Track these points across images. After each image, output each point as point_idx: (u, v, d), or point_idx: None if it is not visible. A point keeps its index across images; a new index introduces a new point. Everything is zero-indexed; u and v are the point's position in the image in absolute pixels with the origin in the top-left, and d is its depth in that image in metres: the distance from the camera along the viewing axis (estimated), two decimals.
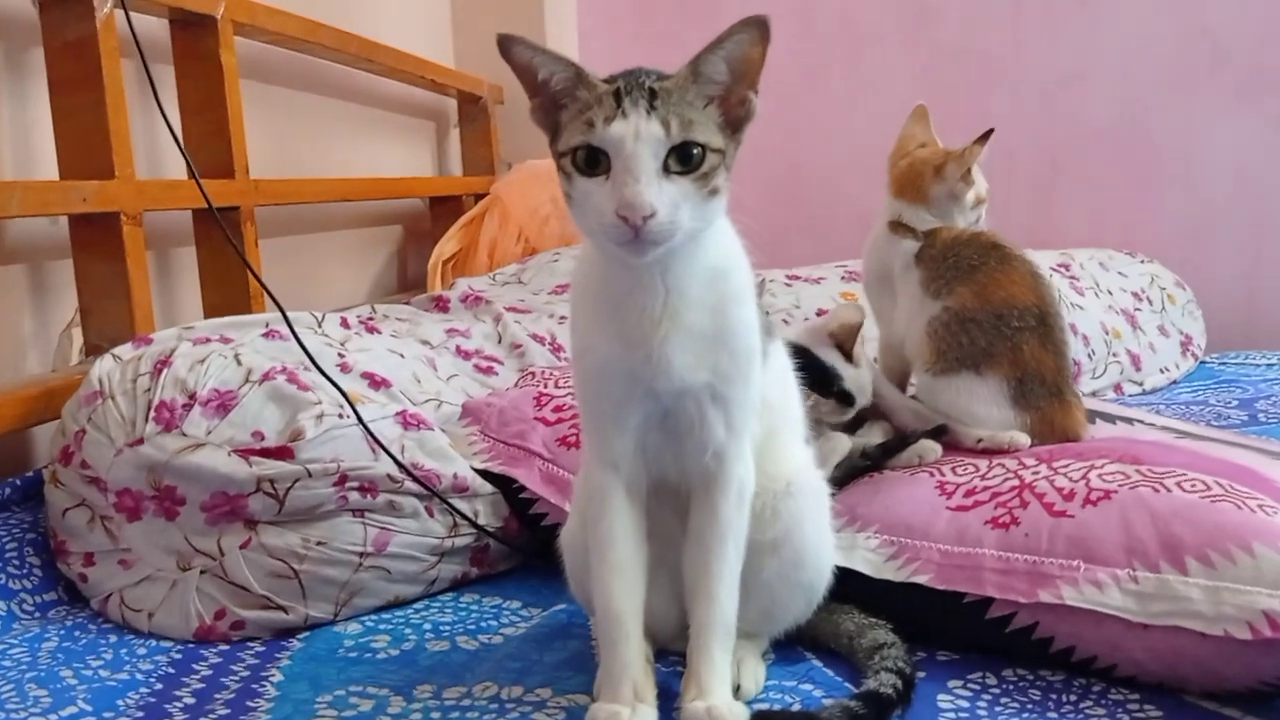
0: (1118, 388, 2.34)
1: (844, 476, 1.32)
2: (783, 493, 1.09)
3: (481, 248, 2.44)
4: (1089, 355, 2.31)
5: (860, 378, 1.39)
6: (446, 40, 2.91)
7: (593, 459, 1.04)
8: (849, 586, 1.17)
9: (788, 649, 1.16)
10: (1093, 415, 1.45)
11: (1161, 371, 2.43)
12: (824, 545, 1.13)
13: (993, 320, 1.35)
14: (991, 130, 1.45)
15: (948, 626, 1.14)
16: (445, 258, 2.40)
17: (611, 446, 1.01)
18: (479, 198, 2.64)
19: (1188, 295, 2.68)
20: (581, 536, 1.08)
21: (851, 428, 1.41)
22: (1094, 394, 2.28)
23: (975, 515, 1.17)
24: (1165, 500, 1.10)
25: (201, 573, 1.26)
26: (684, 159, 0.88)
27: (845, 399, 1.38)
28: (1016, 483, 1.20)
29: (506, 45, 0.91)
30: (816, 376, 1.36)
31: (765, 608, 1.10)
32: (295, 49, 2.10)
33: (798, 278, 2.26)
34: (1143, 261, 2.70)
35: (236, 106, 1.82)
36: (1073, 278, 2.48)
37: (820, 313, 2.12)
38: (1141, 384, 2.37)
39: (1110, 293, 2.49)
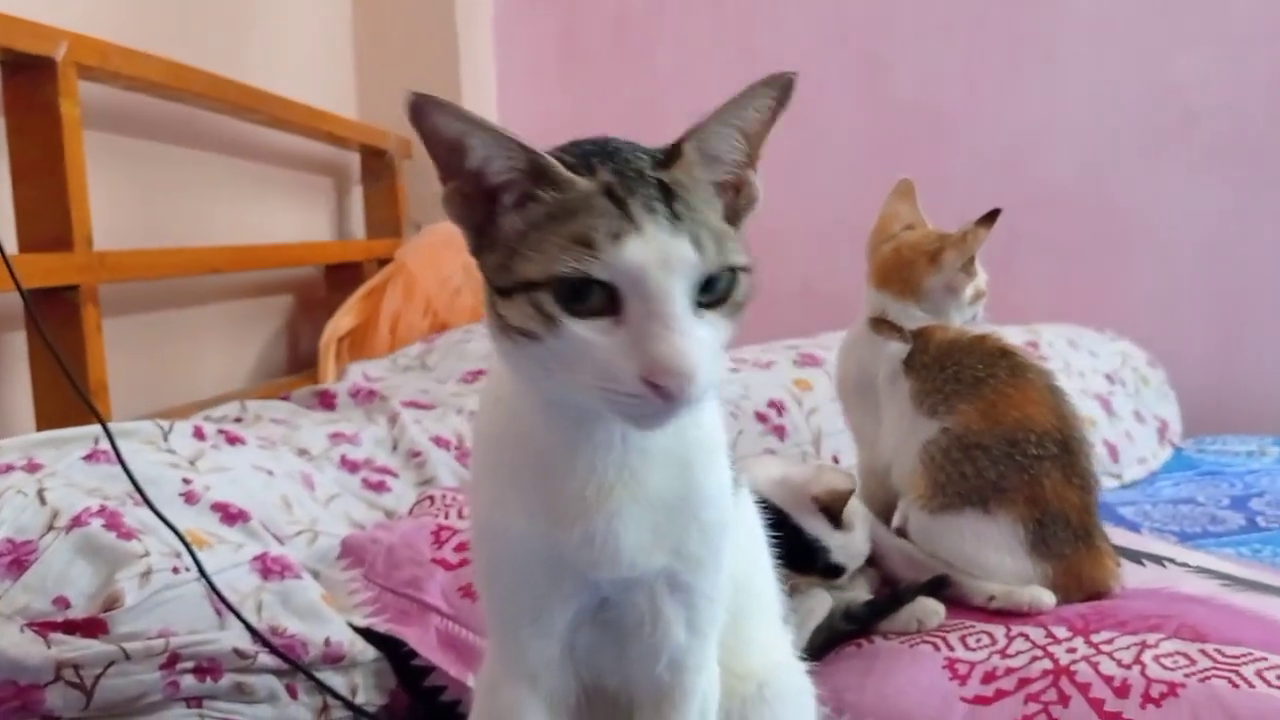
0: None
1: (824, 643, 1.05)
2: (754, 698, 0.82)
3: (383, 322, 2.13)
4: None
5: (851, 544, 1.11)
6: (349, 88, 2.61)
7: (501, 668, 0.75)
8: None
9: None
10: (1119, 554, 1.20)
11: (1140, 462, 2.21)
12: None
13: (1005, 447, 1.09)
14: (998, 210, 1.22)
15: None
16: (341, 334, 2.10)
17: (528, 656, 0.73)
18: (383, 264, 2.34)
19: (1162, 375, 2.48)
20: None
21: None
22: None
23: (999, 712, 0.91)
24: (1248, 700, 0.85)
25: None
26: (708, 284, 0.60)
27: (832, 573, 1.10)
28: (1049, 665, 0.94)
29: (422, 112, 0.60)
30: (796, 550, 1.07)
31: None
32: (160, 96, 1.79)
33: (744, 360, 1.99)
34: (1113, 339, 2.50)
35: (78, 166, 1.51)
36: (1042, 358, 2.22)
37: (772, 404, 1.86)
38: (1120, 476, 2.15)
39: (1082, 375, 2.28)
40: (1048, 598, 1.06)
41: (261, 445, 1.40)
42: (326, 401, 1.63)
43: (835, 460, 1.74)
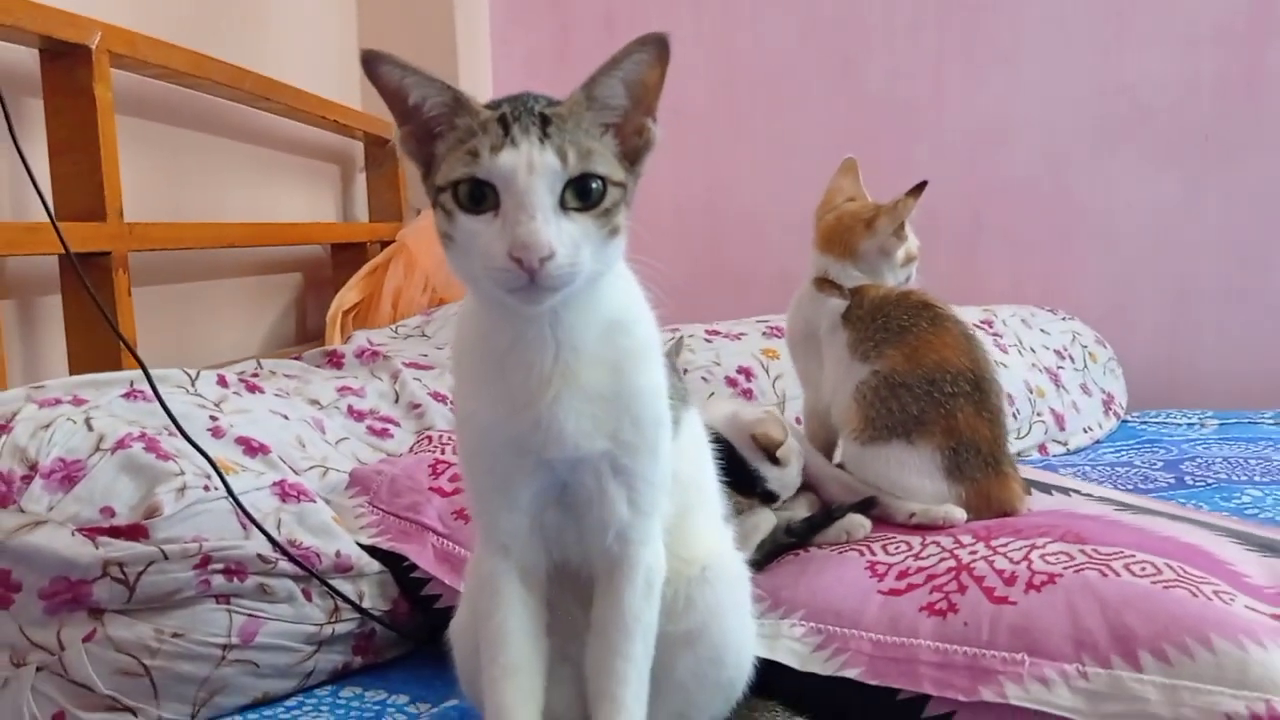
0: (1042, 448, 2.28)
1: (767, 555, 1.22)
2: (698, 579, 0.97)
3: (385, 298, 2.30)
4: (1014, 415, 2.25)
5: (786, 476, 1.27)
6: (355, 81, 2.78)
7: (482, 542, 0.92)
8: (772, 679, 1.06)
9: None
10: (1029, 485, 1.36)
11: (1085, 431, 2.38)
12: (745, 637, 1.01)
13: (925, 386, 1.26)
14: (925, 183, 1.38)
15: None
16: (346, 308, 2.26)
17: (501, 527, 0.89)
18: (385, 245, 2.51)
19: (1109, 353, 2.65)
20: (472, 629, 0.95)
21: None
22: (1019, 454, 2.22)
23: (909, 600, 1.07)
24: (1114, 586, 1.01)
25: (38, 669, 1.10)
26: (582, 194, 0.77)
27: (769, 499, 1.27)
28: (953, 564, 1.10)
29: (372, 64, 0.78)
30: (740, 475, 1.24)
31: (678, 710, 0.98)
32: (183, 84, 1.96)
33: (718, 333, 2.16)
34: (1064, 319, 2.67)
35: (111, 144, 1.67)
36: (996, 335, 2.43)
37: (741, 370, 2.03)
38: (1065, 443, 2.32)
39: (1033, 350, 2.45)
40: (959, 514, 1.23)
41: (278, 394, 1.56)
42: (335, 361, 1.79)
43: (798, 421, 1.91)
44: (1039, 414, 2.31)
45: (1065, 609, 0.99)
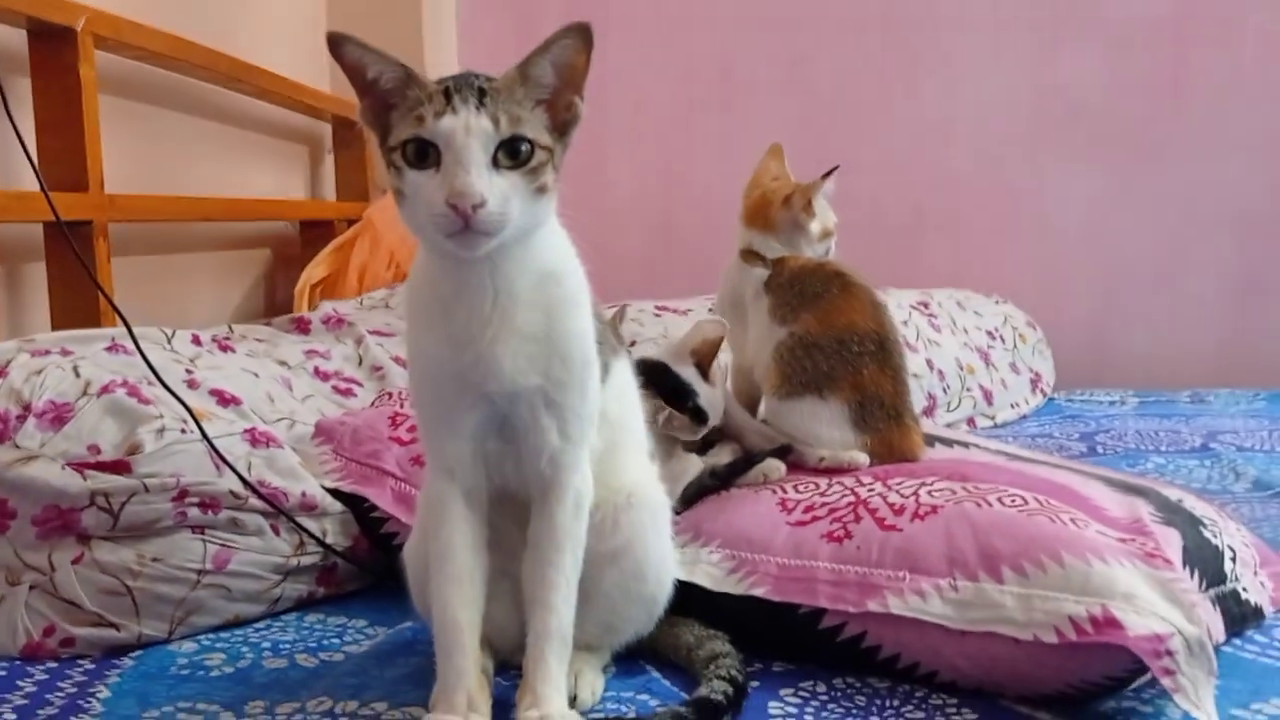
0: (970, 421, 2.43)
1: (693, 495, 1.35)
2: (624, 505, 1.11)
3: (351, 272, 2.42)
4: (944, 389, 2.40)
5: (714, 397, 1.42)
6: (324, 65, 2.89)
7: (431, 466, 1.05)
8: (691, 600, 1.19)
9: (629, 662, 1.18)
10: (932, 439, 1.51)
11: (1012, 406, 2.54)
12: (665, 558, 1.15)
13: (835, 345, 1.40)
14: (836, 167, 1.52)
15: (784, 638, 1.17)
16: (314, 282, 2.37)
17: (447, 452, 1.02)
18: (352, 223, 2.63)
19: (1038, 335, 2.81)
20: (422, 549, 1.08)
21: (702, 449, 1.44)
22: (949, 426, 2.37)
23: (812, 530, 1.21)
24: (986, 515, 1.15)
25: (31, 588, 1.22)
26: (513, 154, 0.90)
27: (698, 415, 1.41)
28: (852, 499, 1.25)
29: (336, 44, 0.92)
30: (673, 391, 1.39)
31: (605, 619, 1.12)
32: (162, 66, 2.07)
33: (666, 308, 2.30)
34: (998, 302, 2.83)
35: (94, 120, 1.78)
36: (931, 315, 2.58)
37: None
38: (993, 418, 2.47)
39: (966, 331, 2.60)
40: (862, 458, 1.37)
41: (249, 354, 1.68)
42: (302, 327, 1.91)
43: None
44: (968, 389, 2.46)
45: (943, 534, 1.14)
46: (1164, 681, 0.95)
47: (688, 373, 1.39)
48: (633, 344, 2.15)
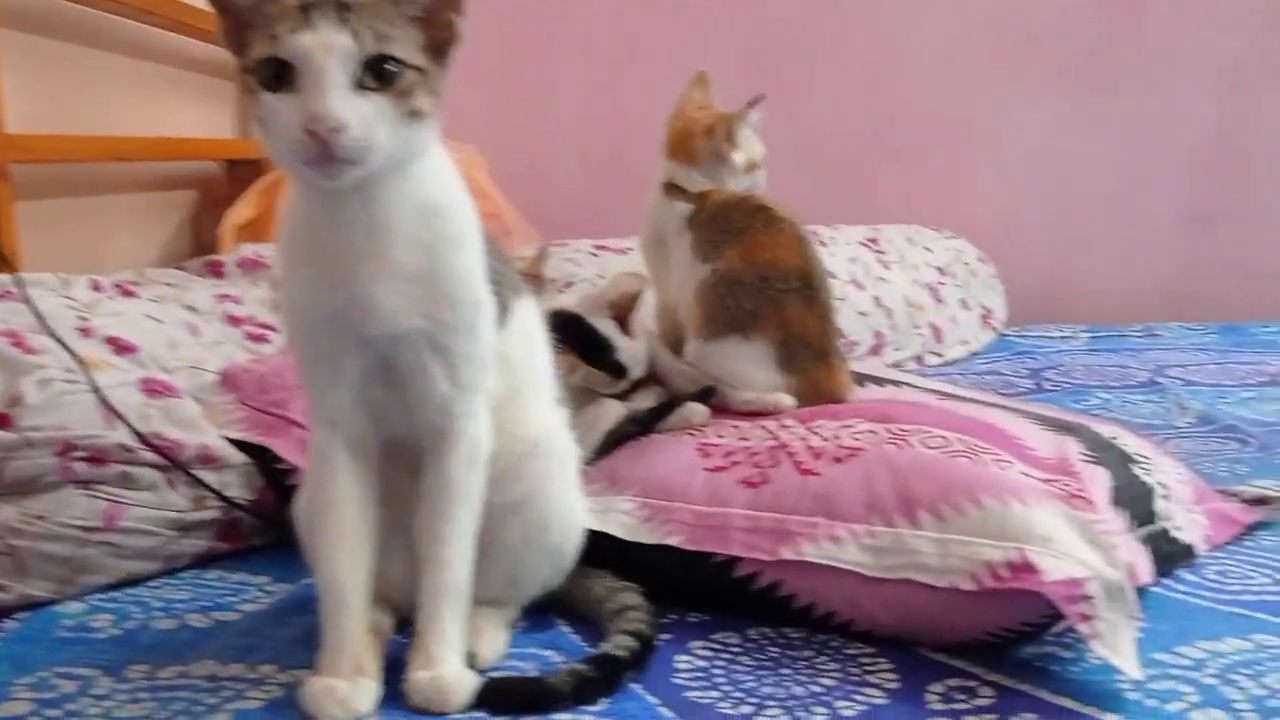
0: (919, 359, 2.39)
1: (612, 442, 1.30)
2: (527, 454, 1.05)
3: (278, 214, 2.32)
4: (892, 328, 2.36)
5: (635, 349, 1.36)
6: None
7: (312, 417, 0.98)
8: (606, 550, 1.14)
9: (540, 616, 1.13)
10: (862, 379, 1.46)
11: (962, 343, 2.50)
12: (571, 508, 1.10)
13: (758, 283, 1.34)
14: (762, 96, 1.44)
15: (699, 588, 1.12)
16: (240, 224, 2.28)
17: (327, 402, 0.95)
18: None
19: (990, 270, 2.76)
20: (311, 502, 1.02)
21: (624, 393, 1.38)
22: (897, 365, 2.34)
23: (730, 475, 1.16)
24: (907, 456, 1.10)
25: None
26: (379, 75, 0.83)
27: (618, 370, 1.35)
28: (773, 443, 1.19)
29: None
30: (590, 346, 1.33)
31: (509, 573, 1.07)
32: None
33: (605, 248, 2.23)
34: (949, 237, 2.77)
35: None
36: (880, 252, 2.52)
37: None
38: (942, 355, 2.43)
39: (915, 267, 2.55)
40: (788, 400, 1.32)
41: (153, 300, 1.61)
42: (216, 270, 1.83)
43: None
44: (917, 327, 2.42)
45: (862, 478, 1.09)
46: (1080, 628, 0.91)
47: (605, 325, 1.33)
48: (568, 284, 2.08)
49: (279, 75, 0.82)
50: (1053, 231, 2.98)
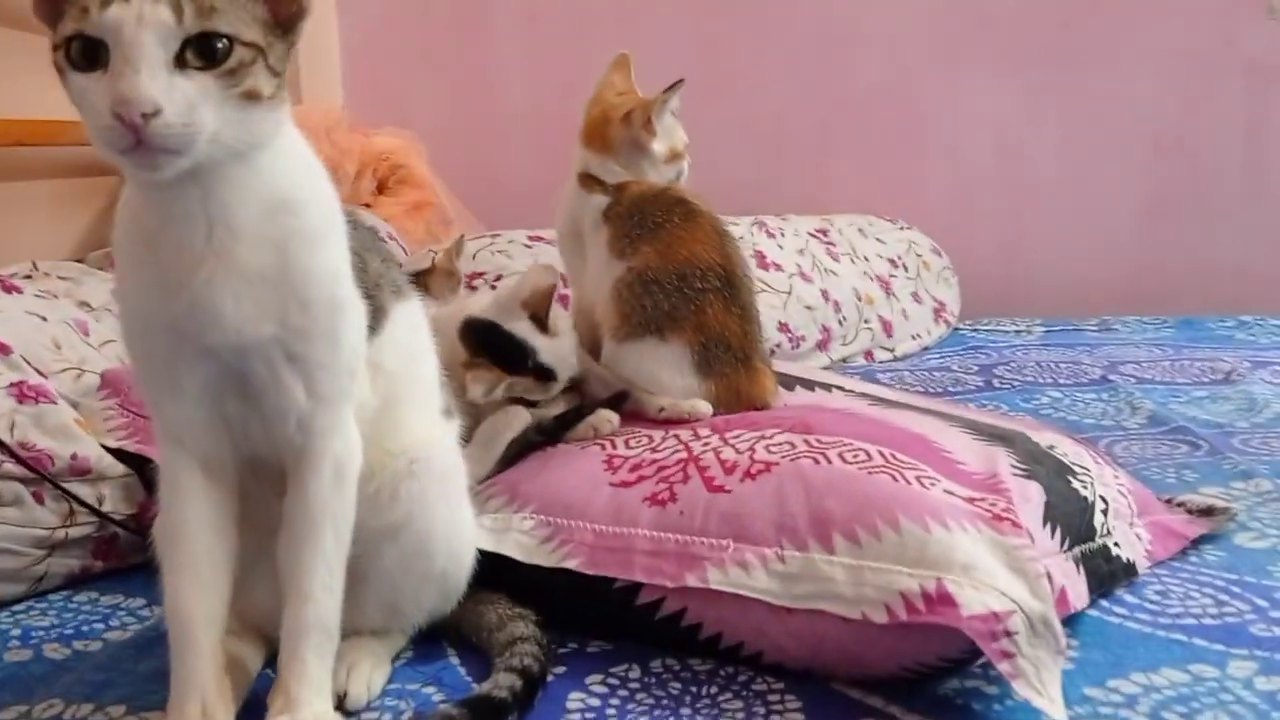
0: (868, 354, 2.32)
1: (517, 453, 1.21)
2: (404, 472, 0.96)
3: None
4: (840, 321, 2.28)
5: (559, 347, 1.26)
6: None
7: (157, 433, 0.89)
8: (503, 573, 1.06)
9: (432, 645, 1.04)
10: (792, 382, 1.37)
11: (913, 338, 2.42)
12: (458, 529, 1.01)
13: (675, 281, 1.25)
14: (681, 80, 1.35)
15: (601, 615, 1.04)
16: None
17: (170, 417, 0.86)
18: None
19: (944, 262, 2.68)
20: None
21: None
22: (844, 360, 2.26)
23: (636, 491, 1.07)
24: (823, 473, 1.02)
25: None
26: (206, 53, 0.73)
27: (544, 374, 1.26)
28: (684, 454, 1.11)
29: None
30: (507, 353, 1.23)
31: (389, 601, 0.98)
32: None
33: (540, 238, 2.14)
34: (902, 228, 2.69)
35: None
36: (830, 244, 2.44)
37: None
38: (893, 350, 2.36)
39: (866, 259, 2.47)
40: (705, 407, 1.23)
41: (39, 295, 1.50)
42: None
43: None
44: (866, 321, 2.34)
45: (774, 496, 1.00)
46: (1000, 666, 0.83)
47: (521, 327, 1.24)
48: (498, 278, 1.99)
49: (90, 53, 0.72)
50: (1008, 222, 2.90)
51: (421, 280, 1.45)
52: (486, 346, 1.21)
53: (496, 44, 2.95)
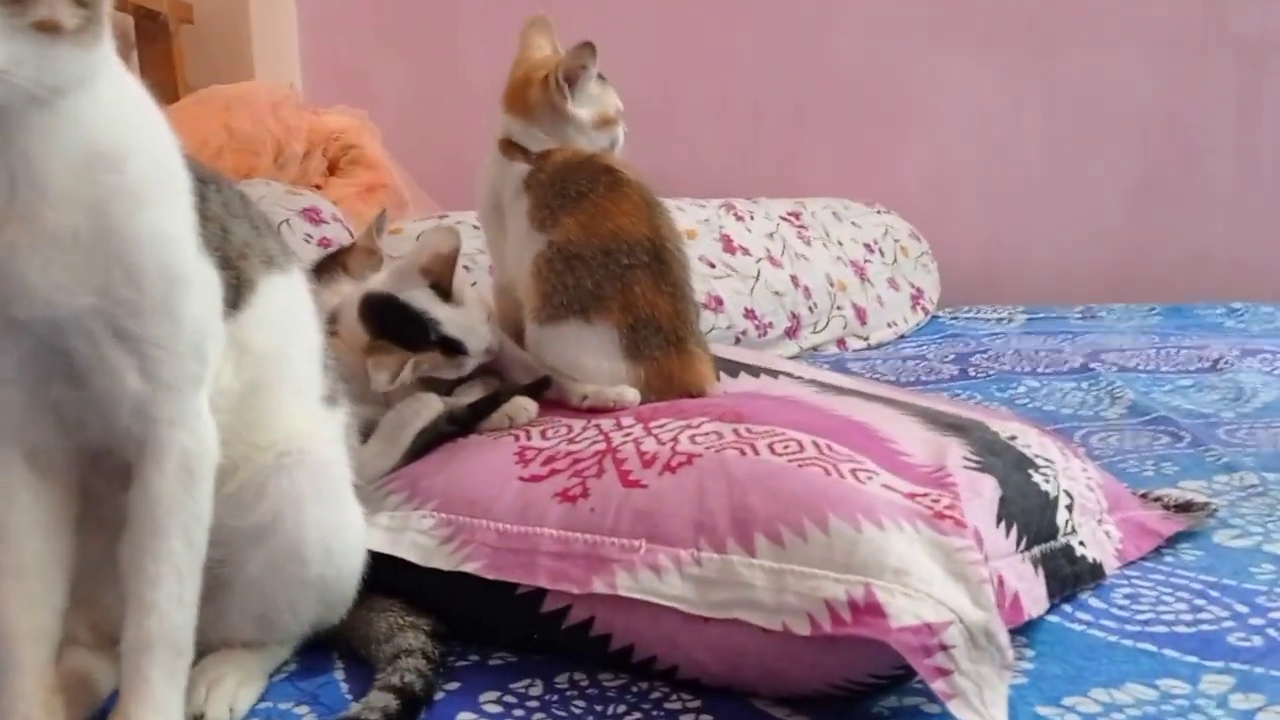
0: (840, 342, 2.22)
1: (426, 445, 1.10)
2: (272, 466, 0.86)
3: None
4: (810, 308, 2.17)
5: (466, 318, 1.16)
6: None
7: None
8: (399, 577, 0.95)
9: (320, 657, 0.94)
10: (736, 368, 1.27)
11: (889, 326, 2.32)
12: (337, 530, 0.90)
13: (601, 257, 1.14)
14: (590, 43, 1.25)
15: (505, 623, 0.93)
16: None
17: None
18: None
19: (922, 247, 2.58)
20: None
21: (449, 388, 1.19)
22: (815, 349, 2.16)
23: (546, 487, 0.97)
24: (748, 465, 0.91)
25: None
26: None
27: (452, 347, 1.15)
28: (602, 446, 1.00)
29: None
30: (405, 325, 1.13)
31: (258, 611, 0.88)
32: None
33: (464, 222, 2.03)
34: (880, 212, 2.59)
35: None
36: (801, 227, 2.34)
37: None
38: (867, 338, 2.26)
39: (840, 243, 2.37)
40: (631, 395, 1.12)
41: None
42: None
43: None
44: (839, 308, 2.24)
45: (694, 491, 0.90)
46: (934, 685, 0.73)
47: (420, 296, 1.13)
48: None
49: None
50: (989, 207, 2.81)
51: (340, 259, 1.34)
52: (384, 323, 1.10)
53: (461, 20, 2.84)
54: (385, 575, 0.96)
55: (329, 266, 1.33)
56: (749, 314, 2.05)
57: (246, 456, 0.85)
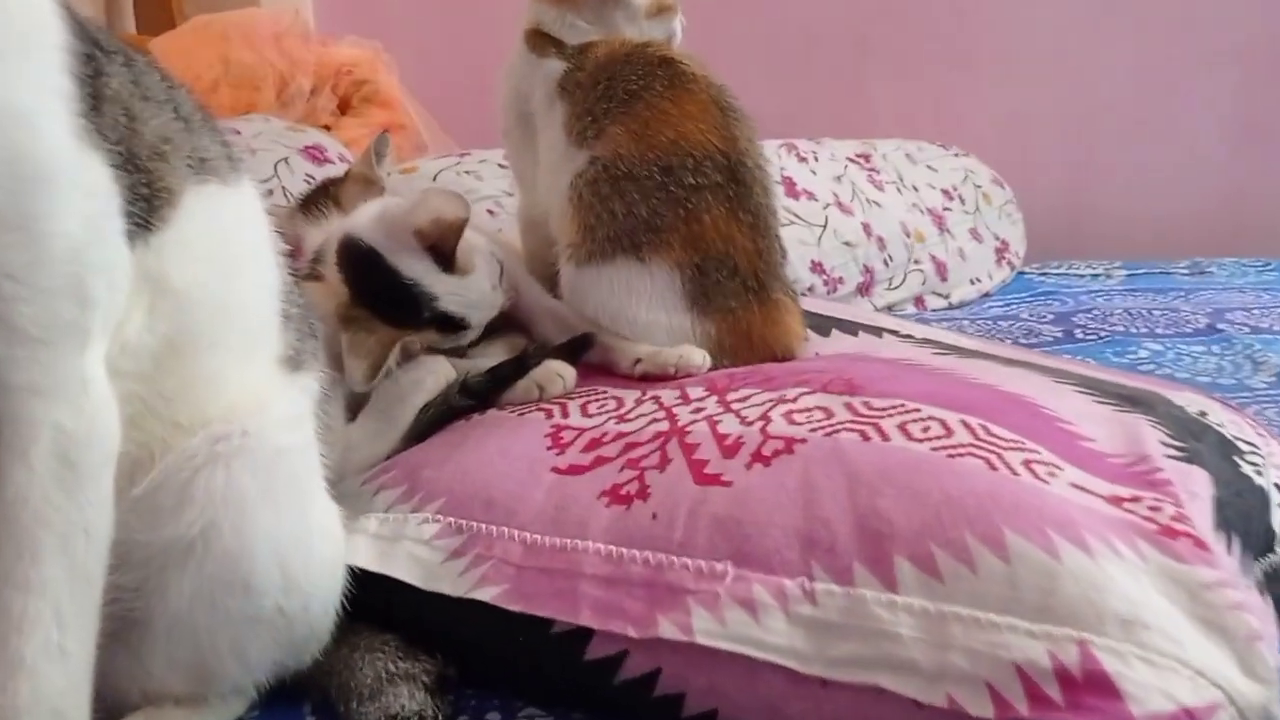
0: (919, 300, 1.94)
1: (434, 421, 0.85)
2: (203, 456, 0.61)
3: None
4: (885, 262, 1.90)
5: (471, 288, 0.89)
6: None
7: None
8: (395, 604, 0.71)
9: (294, 704, 0.69)
10: (827, 324, 1.00)
11: (972, 282, 2.04)
12: (299, 543, 0.65)
13: (658, 176, 0.87)
14: None
15: (535, 668, 0.68)
16: None
17: None
18: None
19: (1006, 195, 2.29)
20: None
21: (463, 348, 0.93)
22: (890, 307, 1.89)
23: (590, 481, 0.71)
24: (875, 454, 0.65)
25: None
26: None
27: (451, 327, 0.89)
28: (665, 427, 0.74)
29: None
30: (393, 297, 0.87)
31: (190, 659, 0.63)
32: None
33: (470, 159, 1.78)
34: (957, 155, 2.30)
35: None
36: (872, 170, 2.05)
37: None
38: (948, 296, 1.98)
39: (915, 189, 2.08)
40: (698, 357, 0.86)
41: None
42: None
43: None
44: (917, 261, 1.96)
45: (799, 490, 0.64)
46: None
47: (413, 264, 0.86)
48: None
49: None
50: (1072, 150, 2.52)
51: (331, 191, 1.09)
52: (364, 286, 0.85)
53: None
54: (376, 597, 0.71)
55: (317, 199, 1.08)
56: (816, 267, 1.78)
57: (165, 442, 0.60)
